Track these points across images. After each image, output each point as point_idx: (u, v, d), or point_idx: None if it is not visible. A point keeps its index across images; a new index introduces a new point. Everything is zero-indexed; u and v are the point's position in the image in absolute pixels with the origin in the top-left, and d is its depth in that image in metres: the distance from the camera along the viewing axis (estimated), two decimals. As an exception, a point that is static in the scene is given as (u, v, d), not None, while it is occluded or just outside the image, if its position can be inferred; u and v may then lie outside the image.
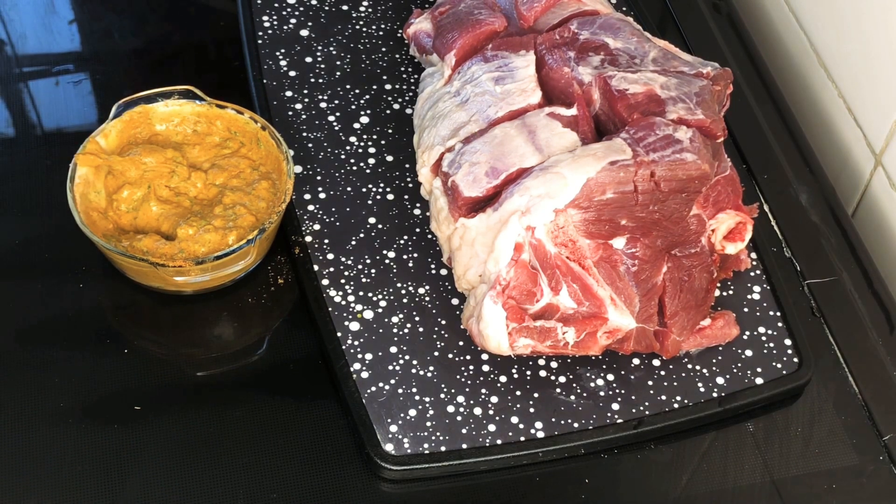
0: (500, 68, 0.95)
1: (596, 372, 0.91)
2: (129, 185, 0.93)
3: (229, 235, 0.90)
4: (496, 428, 0.88)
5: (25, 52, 1.08)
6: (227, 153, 0.95)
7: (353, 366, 0.89)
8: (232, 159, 0.95)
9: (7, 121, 1.03)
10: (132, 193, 0.92)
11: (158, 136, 0.96)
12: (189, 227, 0.90)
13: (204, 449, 0.86)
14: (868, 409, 0.92)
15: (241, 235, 0.90)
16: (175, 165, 0.93)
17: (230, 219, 0.91)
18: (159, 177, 0.93)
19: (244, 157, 0.95)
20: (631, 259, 0.89)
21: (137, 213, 0.92)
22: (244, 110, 0.96)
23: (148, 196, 0.92)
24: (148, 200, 0.92)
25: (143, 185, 0.93)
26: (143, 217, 0.92)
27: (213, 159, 0.95)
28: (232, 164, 0.95)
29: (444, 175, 0.91)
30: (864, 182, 1.08)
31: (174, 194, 0.93)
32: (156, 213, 0.92)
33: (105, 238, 0.90)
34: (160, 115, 0.96)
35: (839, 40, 1.09)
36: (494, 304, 0.87)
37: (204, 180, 0.94)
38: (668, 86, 0.91)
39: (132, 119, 0.95)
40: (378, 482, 0.86)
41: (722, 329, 0.93)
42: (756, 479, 0.88)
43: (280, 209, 0.91)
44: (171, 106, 0.96)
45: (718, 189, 0.91)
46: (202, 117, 0.96)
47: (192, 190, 0.93)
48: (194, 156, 0.95)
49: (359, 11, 1.10)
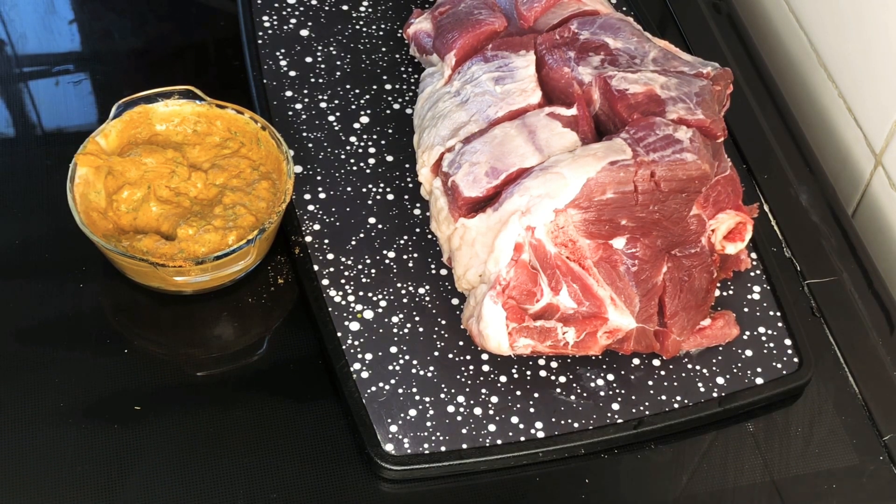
0: (500, 68, 0.95)
1: (596, 372, 0.91)
2: (129, 185, 0.92)
3: (229, 235, 0.90)
4: (496, 428, 0.88)
5: (25, 52, 1.08)
6: (227, 153, 0.95)
7: (353, 366, 0.89)
8: (232, 159, 0.95)
9: (7, 121, 1.03)
10: (132, 194, 0.92)
11: (158, 136, 0.96)
12: (189, 227, 0.90)
13: (204, 449, 0.86)
14: (868, 409, 0.92)
15: (241, 235, 0.90)
16: (175, 166, 0.93)
17: (230, 219, 0.91)
18: (159, 177, 0.93)
19: (244, 157, 0.95)
20: (631, 259, 0.89)
21: (137, 214, 0.92)
22: (244, 110, 0.96)
23: (148, 196, 0.92)
24: (148, 201, 0.92)
25: (143, 186, 0.93)
26: (143, 217, 0.92)
27: (213, 159, 0.95)
28: (232, 164, 0.94)
29: (444, 175, 0.91)
30: (864, 182, 1.08)
31: (174, 194, 0.93)
32: (156, 214, 0.92)
33: (105, 238, 0.90)
34: (160, 115, 0.96)
35: (839, 40, 1.09)
36: (494, 304, 0.87)
37: (204, 180, 0.93)
38: (668, 86, 0.91)
39: (132, 119, 0.95)
40: (378, 482, 0.86)
41: (722, 329, 0.93)
42: (756, 479, 0.88)
43: (280, 209, 0.91)
44: (171, 106, 0.96)
45: (718, 189, 0.91)
46: (202, 117, 0.96)
47: (193, 190, 0.93)
48: (194, 156, 0.95)
49: (359, 11, 1.10)
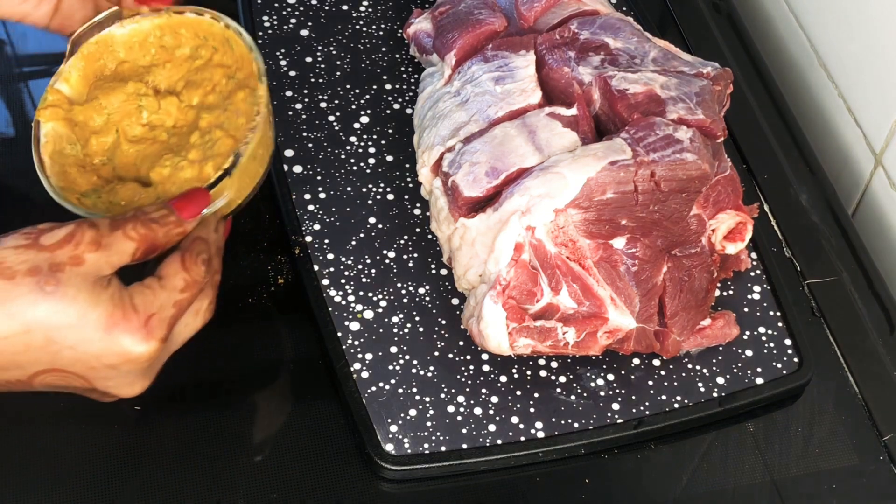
0: (501, 68, 0.95)
1: (596, 372, 0.91)
2: (94, 134, 0.85)
3: (206, 167, 0.82)
4: (496, 428, 0.88)
5: (25, 52, 1.08)
6: (200, 65, 0.87)
7: (353, 366, 0.89)
8: (206, 72, 0.86)
9: (7, 121, 1.03)
10: (101, 144, 0.85)
11: (125, 63, 0.87)
12: (162, 167, 0.82)
13: (204, 449, 0.86)
14: (868, 409, 0.92)
15: (218, 164, 0.81)
16: (140, 99, 0.85)
17: (207, 147, 0.82)
18: (126, 116, 0.85)
19: (219, 66, 0.87)
20: (631, 259, 0.89)
21: (114, 162, 0.84)
22: (203, 10, 0.87)
23: (118, 141, 0.85)
24: (119, 146, 0.84)
25: (110, 131, 0.85)
26: (121, 163, 0.84)
27: (187, 75, 0.87)
28: (206, 78, 0.86)
29: (444, 175, 0.91)
30: (864, 182, 1.08)
31: (149, 129, 0.85)
32: (132, 157, 0.84)
33: (84, 196, 0.82)
34: (120, 41, 0.87)
35: (839, 40, 1.09)
36: (494, 304, 0.87)
37: (178, 105, 0.85)
38: (668, 86, 0.91)
39: (91, 53, 0.86)
40: (378, 482, 0.86)
41: (722, 329, 0.93)
42: (756, 479, 0.88)
43: (254, 124, 0.82)
44: (127, 26, 0.87)
45: (718, 189, 0.91)
46: (165, 29, 0.87)
47: (168, 119, 0.85)
48: (166, 77, 0.87)
49: (359, 11, 1.10)
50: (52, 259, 0.73)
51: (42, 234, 0.74)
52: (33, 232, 0.75)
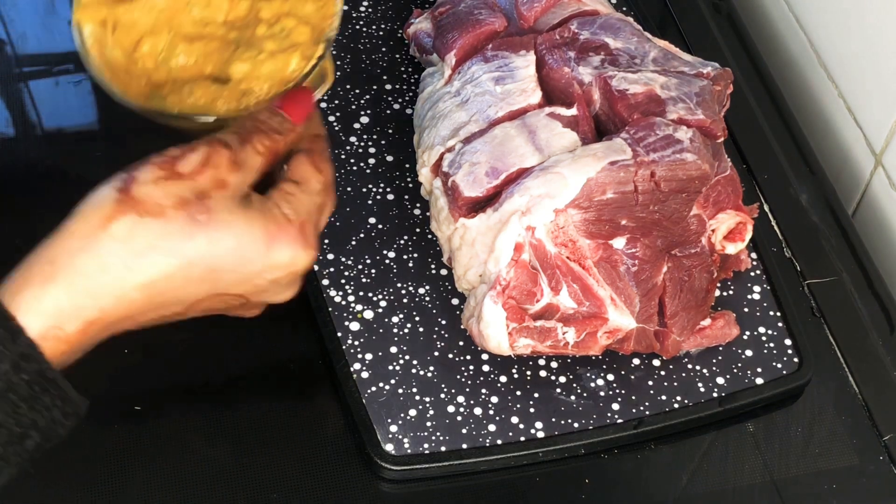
0: (501, 68, 0.95)
1: (596, 372, 0.91)
2: (145, 36, 0.78)
3: (292, 57, 0.77)
4: (496, 428, 0.88)
5: (25, 52, 1.08)
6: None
7: (353, 366, 0.89)
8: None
9: (7, 121, 1.03)
10: (154, 45, 0.78)
11: None
12: (241, 62, 0.77)
13: (204, 449, 0.86)
14: (868, 409, 0.92)
15: (306, 53, 0.76)
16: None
17: (282, 38, 0.77)
18: (177, 13, 0.78)
19: None
20: (631, 259, 0.89)
21: (170, 64, 0.78)
22: None
23: (174, 41, 0.78)
24: (175, 46, 0.78)
25: (163, 31, 0.78)
26: (178, 65, 0.78)
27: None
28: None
29: (444, 175, 0.91)
30: (864, 182, 1.08)
31: (202, 26, 0.79)
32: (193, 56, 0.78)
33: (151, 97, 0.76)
34: None
35: (839, 40, 1.09)
36: (494, 305, 0.87)
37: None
38: (668, 86, 0.91)
39: None
40: (378, 482, 0.86)
41: (722, 329, 0.93)
42: (756, 479, 0.88)
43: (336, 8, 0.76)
44: None
45: (718, 189, 0.91)
46: None
47: (220, 14, 0.79)
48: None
49: (359, 11, 1.10)
50: (196, 187, 0.70)
51: (175, 161, 0.71)
52: (165, 160, 0.71)
